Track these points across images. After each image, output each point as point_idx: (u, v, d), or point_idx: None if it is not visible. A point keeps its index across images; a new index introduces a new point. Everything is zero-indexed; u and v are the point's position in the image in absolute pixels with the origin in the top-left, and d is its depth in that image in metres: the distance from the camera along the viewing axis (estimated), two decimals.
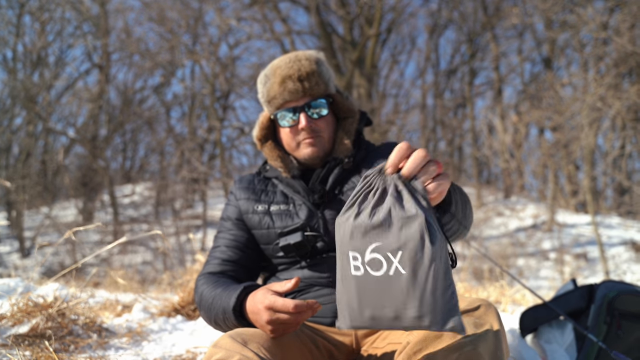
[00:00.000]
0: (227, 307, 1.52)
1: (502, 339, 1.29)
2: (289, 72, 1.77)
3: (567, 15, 17.28)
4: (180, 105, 25.80)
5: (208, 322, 1.68)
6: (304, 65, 1.78)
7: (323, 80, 1.81)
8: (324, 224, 1.74)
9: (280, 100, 1.79)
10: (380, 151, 1.89)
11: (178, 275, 3.96)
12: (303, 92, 1.77)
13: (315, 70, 1.79)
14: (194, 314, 3.36)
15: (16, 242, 19.49)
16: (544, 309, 2.41)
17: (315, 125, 1.80)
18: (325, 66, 1.85)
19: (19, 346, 2.21)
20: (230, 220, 1.88)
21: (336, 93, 1.89)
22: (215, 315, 1.59)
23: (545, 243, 16.97)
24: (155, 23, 22.36)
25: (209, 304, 1.62)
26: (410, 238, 1.09)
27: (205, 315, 1.67)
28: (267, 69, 1.86)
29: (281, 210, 1.80)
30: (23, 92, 18.49)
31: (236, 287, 1.56)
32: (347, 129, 1.87)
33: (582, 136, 14.73)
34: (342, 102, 1.88)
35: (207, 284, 1.70)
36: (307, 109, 1.78)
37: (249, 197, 1.87)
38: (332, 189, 1.79)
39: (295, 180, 1.82)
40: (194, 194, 23.71)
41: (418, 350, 1.29)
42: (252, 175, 1.97)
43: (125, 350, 2.43)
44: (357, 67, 19.60)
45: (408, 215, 1.10)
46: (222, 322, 1.58)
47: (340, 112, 1.89)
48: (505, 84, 24.21)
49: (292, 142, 1.84)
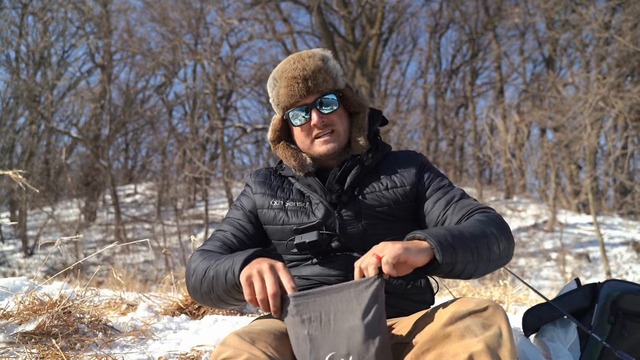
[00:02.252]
0: (238, 260, 1.49)
1: (510, 339, 1.30)
2: (295, 74, 1.75)
3: (569, 14, 17.29)
4: (182, 105, 25.92)
5: (197, 287, 1.64)
6: (308, 64, 1.77)
7: (331, 76, 1.79)
8: (340, 224, 1.74)
9: (291, 101, 1.77)
10: (400, 161, 1.88)
11: (181, 275, 3.97)
12: (311, 90, 1.76)
13: (322, 66, 1.78)
14: (198, 312, 3.37)
15: (19, 241, 19.53)
16: (547, 308, 2.42)
17: (328, 119, 1.78)
18: (331, 62, 1.83)
19: (26, 344, 2.22)
20: (242, 210, 1.88)
21: (346, 88, 1.87)
22: (213, 276, 1.56)
23: (547, 243, 16.97)
24: (157, 23, 22.47)
25: (206, 268, 1.60)
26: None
27: (197, 279, 1.64)
28: (275, 72, 1.84)
29: (297, 206, 1.80)
30: (26, 92, 18.52)
31: (249, 250, 1.56)
32: (359, 124, 1.85)
33: (584, 136, 14.73)
34: (352, 97, 1.86)
35: (204, 256, 1.68)
36: (317, 105, 1.77)
37: (265, 192, 1.87)
38: (349, 188, 1.78)
39: (311, 178, 1.81)
40: (196, 193, 23.74)
41: (426, 350, 1.31)
42: (269, 170, 1.96)
43: (131, 348, 2.44)
44: (358, 67, 19.62)
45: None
46: (216, 284, 1.55)
47: (351, 107, 1.87)
48: (507, 83, 24.27)
49: (306, 140, 1.82)
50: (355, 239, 1.74)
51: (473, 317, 1.33)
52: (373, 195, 1.77)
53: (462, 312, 1.33)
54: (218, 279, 1.55)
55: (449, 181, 1.86)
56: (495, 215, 1.66)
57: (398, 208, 1.77)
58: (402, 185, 1.79)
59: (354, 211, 1.75)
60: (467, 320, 1.31)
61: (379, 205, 1.76)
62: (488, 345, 1.25)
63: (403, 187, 1.79)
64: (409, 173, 1.82)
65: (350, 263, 1.71)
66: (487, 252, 1.51)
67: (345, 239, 1.73)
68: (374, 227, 1.74)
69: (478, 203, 1.74)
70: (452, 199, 1.75)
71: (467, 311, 1.33)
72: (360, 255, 1.72)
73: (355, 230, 1.74)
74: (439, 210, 1.74)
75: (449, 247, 1.41)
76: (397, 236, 1.75)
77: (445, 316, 1.33)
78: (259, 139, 24.42)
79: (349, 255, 1.73)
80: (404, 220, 1.79)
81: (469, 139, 24.78)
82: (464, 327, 1.29)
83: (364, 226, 1.74)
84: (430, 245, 1.41)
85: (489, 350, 1.24)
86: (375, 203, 1.76)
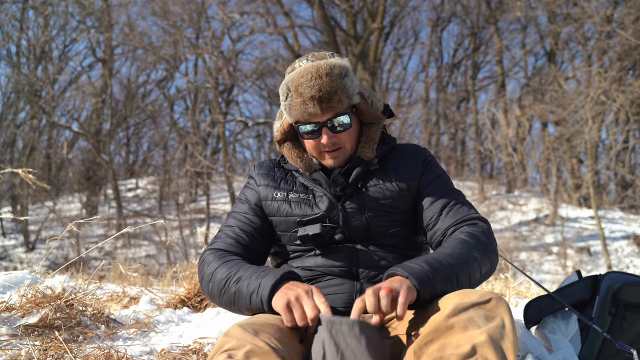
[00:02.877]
0: (266, 284, 1.51)
1: (512, 331, 1.31)
2: (311, 93, 1.69)
3: (571, 8, 17.23)
4: (184, 99, 25.89)
5: (216, 296, 1.66)
6: (325, 84, 1.69)
7: (347, 95, 1.73)
8: (343, 217, 1.75)
9: (303, 117, 1.73)
10: (404, 154, 1.89)
11: (182, 269, 3.98)
12: (324, 110, 1.71)
13: (338, 87, 1.71)
14: (200, 305, 3.38)
15: (21, 236, 19.57)
16: (548, 300, 2.42)
17: (338, 139, 1.76)
18: (350, 77, 1.76)
19: (28, 336, 2.23)
20: (247, 204, 1.88)
21: (361, 101, 1.82)
22: (235, 292, 1.58)
23: (548, 237, 16.98)
24: (158, 17, 22.39)
25: (226, 278, 1.61)
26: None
27: (215, 288, 1.65)
28: (290, 80, 1.75)
29: (300, 198, 1.80)
30: (27, 87, 18.54)
31: (280, 269, 1.57)
32: (370, 136, 1.83)
33: (586, 130, 14.73)
34: (366, 110, 1.83)
35: (219, 259, 1.69)
36: (329, 124, 1.73)
37: (269, 184, 1.87)
38: (354, 182, 1.78)
39: (316, 173, 1.81)
40: (197, 187, 23.76)
41: (429, 341, 1.31)
42: (272, 162, 1.96)
43: (134, 340, 2.45)
44: (360, 61, 19.59)
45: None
46: (239, 302, 1.58)
47: (365, 119, 1.85)
48: (509, 77, 24.20)
49: (313, 151, 1.81)
50: (359, 231, 1.75)
51: (476, 308, 1.33)
52: (377, 187, 1.78)
53: (465, 303, 1.34)
54: (241, 297, 1.57)
55: (450, 181, 1.87)
56: (483, 232, 1.67)
57: (401, 201, 1.78)
58: (405, 179, 1.80)
59: (357, 203, 1.76)
60: (470, 312, 1.32)
61: (382, 198, 1.77)
62: (491, 337, 1.25)
63: (407, 180, 1.80)
64: (413, 167, 1.83)
65: (353, 255, 1.72)
66: (468, 279, 1.55)
67: (348, 231, 1.74)
68: (378, 219, 1.75)
69: (471, 211, 1.76)
70: (449, 203, 1.77)
71: (470, 303, 1.34)
72: (363, 247, 1.73)
73: (359, 223, 1.75)
74: (434, 211, 1.76)
75: (429, 285, 1.44)
76: (399, 228, 1.76)
77: (449, 308, 1.34)
78: (260, 133, 24.49)
79: (352, 247, 1.74)
80: (407, 213, 1.80)
81: (471, 133, 24.78)
82: (467, 319, 1.30)
83: (367, 218, 1.75)
84: (413, 284, 1.42)
85: (492, 341, 1.25)
86: (379, 195, 1.77)
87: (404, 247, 1.79)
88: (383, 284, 1.40)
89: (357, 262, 1.72)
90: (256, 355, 1.28)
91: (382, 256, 1.73)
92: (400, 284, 1.40)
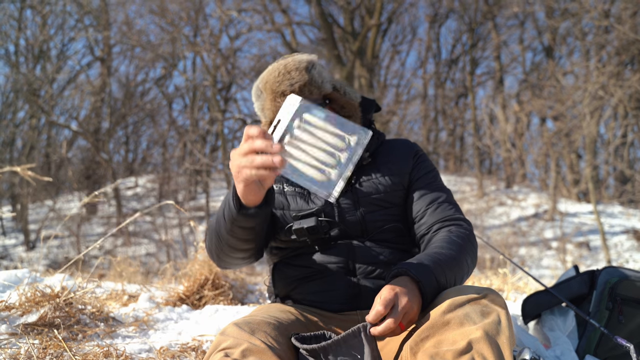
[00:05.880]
0: (229, 197, 1.45)
1: (509, 327, 1.31)
2: (280, 88, 1.75)
3: (569, 3, 17.22)
4: (182, 97, 25.85)
5: (214, 241, 1.62)
6: (294, 78, 1.76)
7: (316, 86, 1.79)
8: (338, 212, 1.76)
9: (275, 114, 1.77)
10: (395, 148, 1.90)
11: (181, 266, 3.98)
12: None
13: (307, 80, 1.77)
14: (199, 303, 3.39)
15: (21, 235, 19.57)
16: (546, 296, 2.43)
17: None
18: (317, 69, 1.82)
19: (28, 335, 2.24)
20: None
21: (333, 91, 1.86)
22: (221, 221, 1.53)
23: (547, 232, 16.99)
24: (156, 15, 22.38)
25: (212, 223, 1.61)
26: None
27: (209, 239, 1.64)
28: (259, 81, 1.83)
29: (296, 191, 1.81)
30: (25, 86, 18.49)
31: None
32: None
33: (584, 125, 14.73)
34: (340, 99, 1.86)
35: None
36: None
37: None
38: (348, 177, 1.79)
39: None
40: (197, 185, 23.76)
41: (425, 337, 1.32)
42: None
43: (133, 338, 2.46)
44: (358, 58, 19.57)
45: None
46: (226, 222, 1.50)
47: (341, 110, 1.87)
48: (507, 73, 24.22)
49: None
50: (355, 227, 1.75)
51: (472, 304, 1.34)
52: (369, 182, 1.79)
53: (461, 299, 1.34)
54: (220, 223, 1.53)
55: (439, 178, 1.88)
56: (469, 235, 1.69)
57: (393, 195, 1.79)
58: (397, 173, 1.81)
59: (352, 199, 1.77)
60: (466, 308, 1.32)
61: (375, 193, 1.78)
62: (487, 333, 1.25)
63: (398, 174, 1.81)
64: (404, 161, 1.85)
65: (350, 251, 1.72)
66: (460, 281, 1.58)
67: (343, 226, 1.75)
68: (372, 214, 1.76)
69: (457, 212, 1.77)
70: (437, 199, 1.78)
71: (467, 299, 1.34)
72: (360, 243, 1.73)
73: (354, 218, 1.75)
74: (422, 205, 1.77)
75: (435, 290, 1.44)
76: (394, 223, 1.76)
77: (445, 304, 1.34)
78: None
79: (349, 243, 1.74)
80: (400, 207, 1.81)
81: (469, 129, 24.77)
82: (463, 315, 1.30)
83: (362, 213, 1.75)
84: (422, 290, 1.41)
85: (488, 337, 1.24)
86: (371, 190, 1.78)
87: (400, 242, 1.79)
88: (401, 306, 1.32)
89: (354, 258, 1.72)
90: (253, 353, 1.28)
91: (379, 252, 1.73)
92: (411, 304, 1.35)
